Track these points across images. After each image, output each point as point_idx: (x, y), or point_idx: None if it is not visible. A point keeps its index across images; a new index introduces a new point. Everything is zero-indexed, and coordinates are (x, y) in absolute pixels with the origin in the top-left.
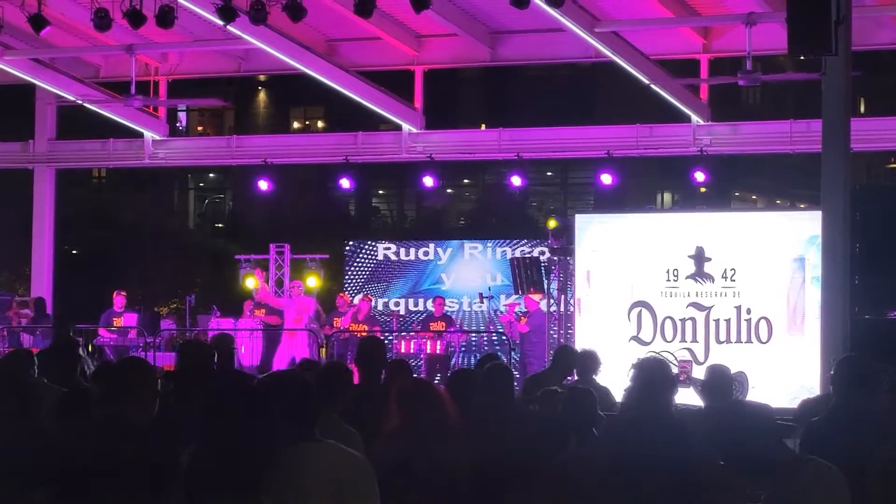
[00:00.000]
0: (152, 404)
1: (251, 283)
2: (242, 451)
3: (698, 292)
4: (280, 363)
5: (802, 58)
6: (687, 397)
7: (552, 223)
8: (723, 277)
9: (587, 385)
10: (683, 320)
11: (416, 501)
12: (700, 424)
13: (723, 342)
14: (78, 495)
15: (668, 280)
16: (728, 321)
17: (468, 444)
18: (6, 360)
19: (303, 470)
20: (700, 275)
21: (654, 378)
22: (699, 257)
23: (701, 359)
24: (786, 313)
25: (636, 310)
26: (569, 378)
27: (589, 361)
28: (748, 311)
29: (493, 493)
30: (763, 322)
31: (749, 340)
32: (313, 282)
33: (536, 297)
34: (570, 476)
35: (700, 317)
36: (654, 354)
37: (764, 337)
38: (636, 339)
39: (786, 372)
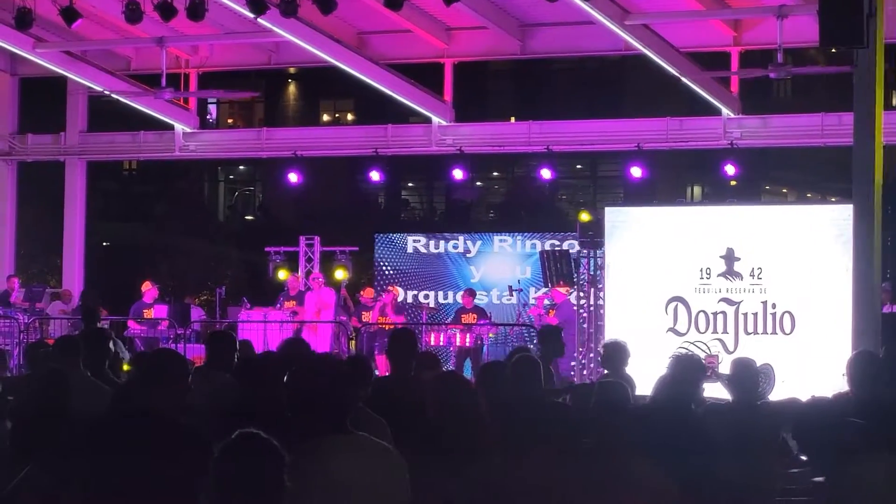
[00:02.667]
0: (184, 396)
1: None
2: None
3: (728, 289)
4: None
5: (834, 50)
6: (714, 391)
7: (585, 216)
8: (751, 275)
9: (617, 377)
10: (715, 314)
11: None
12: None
13: (750, 333)
14: (112, 486)
15: (701, 278)
16: (755, 315)
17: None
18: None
19: (335, 462)
20: (730, 273)
21: (685, 374)
22: (729, 258)
23: (731, 348)
24: (815, 306)
25: (672, 304)
26: None
27: (618, 353)
28: (773, 306)
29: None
30: (787, 315)
31: (774, 332)
32: (341, 274)
33: (564, 289)
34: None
35: (730, 311)
36: (686, 350)
37: (787, 329)
38: (673, 330)
39: (815, 365)
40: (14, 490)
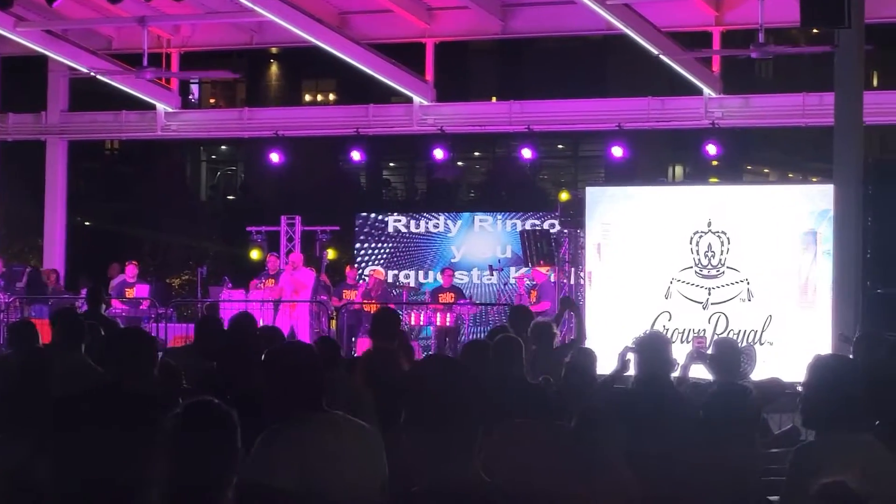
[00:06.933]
0: (149, 374)
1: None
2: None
3: (710, 268)
4: None
5: (815, 30)
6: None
7: (565, 196)
8: (730, 255)
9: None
10: (696, 292)
11: None
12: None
13: (734, 315)
14: (78, 459)
15: (682, 256)
16: (739, 295)
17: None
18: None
19: (312, 440)
20: (710, 252)
21: (656, 354)
22: (709, 236)
23: (720, 330)
24: (797, 286)
25: (654, 282)
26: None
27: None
28: (758, 285)
29: None
30: (772, 295)
31: (759, 313)
32: (329, 254)
33: (544, 269)
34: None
35: (714, 291)
36: (654, 330)
37: (773, 310)
38: (655, 308)
39: (797, 345)
40: None
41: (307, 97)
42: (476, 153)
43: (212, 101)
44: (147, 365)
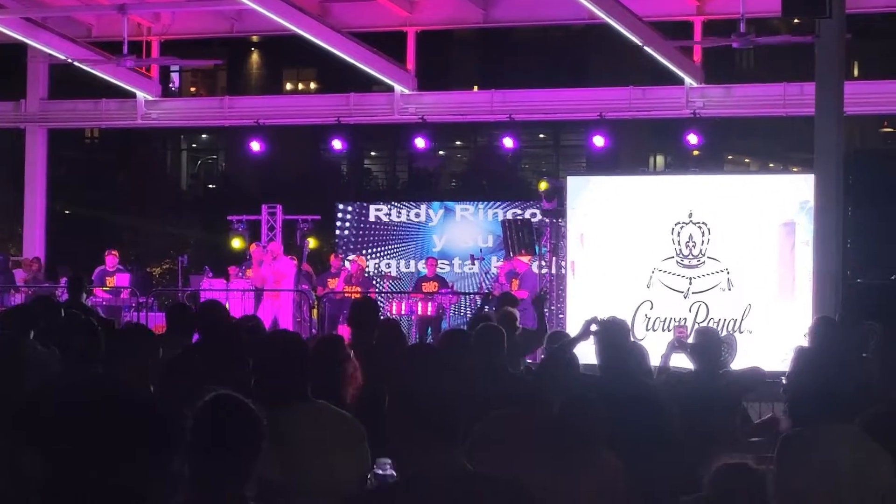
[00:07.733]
0: (150, 370)
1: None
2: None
3: (691, 258)
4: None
5: (797, 20)
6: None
7: (543, 185)
8: (711, 245)
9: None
10: (677, 282)
11: None
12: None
13: (714, 305)
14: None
15: (662, 247)
16: (719, 284)
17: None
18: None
19: (294, 431)
20: (691, 242)
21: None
22: (690, 226)
23: (700, 319)
24: (777, 276)
25: (634, 272)
26: None
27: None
28: (738, 275)
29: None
30: (752, 285)
31: (739, 302)
32: (310, 243)
33: (525, 258)
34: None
35: (694, 280)
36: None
37: (753, 300)
38: (635, 299)
39: (777, 335)
40: None
41: (288, 86)
42: (457, 142)
43: (192, 89)
44: (144, 360)
